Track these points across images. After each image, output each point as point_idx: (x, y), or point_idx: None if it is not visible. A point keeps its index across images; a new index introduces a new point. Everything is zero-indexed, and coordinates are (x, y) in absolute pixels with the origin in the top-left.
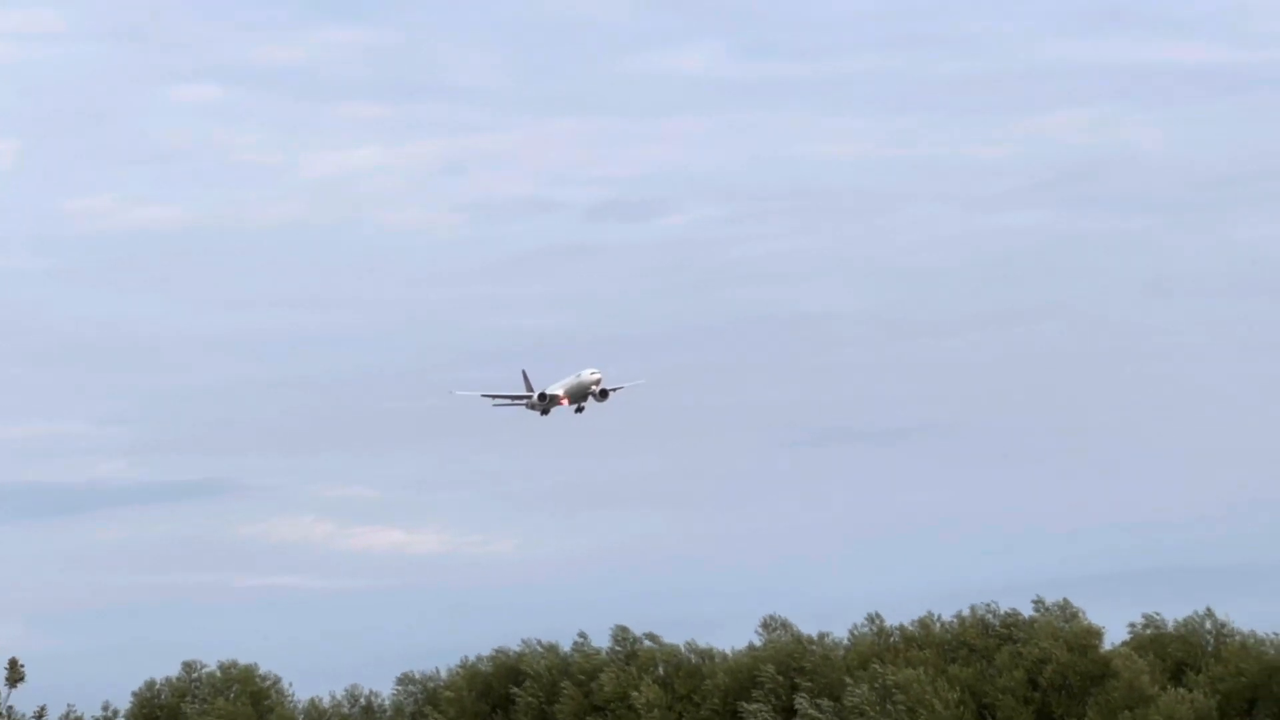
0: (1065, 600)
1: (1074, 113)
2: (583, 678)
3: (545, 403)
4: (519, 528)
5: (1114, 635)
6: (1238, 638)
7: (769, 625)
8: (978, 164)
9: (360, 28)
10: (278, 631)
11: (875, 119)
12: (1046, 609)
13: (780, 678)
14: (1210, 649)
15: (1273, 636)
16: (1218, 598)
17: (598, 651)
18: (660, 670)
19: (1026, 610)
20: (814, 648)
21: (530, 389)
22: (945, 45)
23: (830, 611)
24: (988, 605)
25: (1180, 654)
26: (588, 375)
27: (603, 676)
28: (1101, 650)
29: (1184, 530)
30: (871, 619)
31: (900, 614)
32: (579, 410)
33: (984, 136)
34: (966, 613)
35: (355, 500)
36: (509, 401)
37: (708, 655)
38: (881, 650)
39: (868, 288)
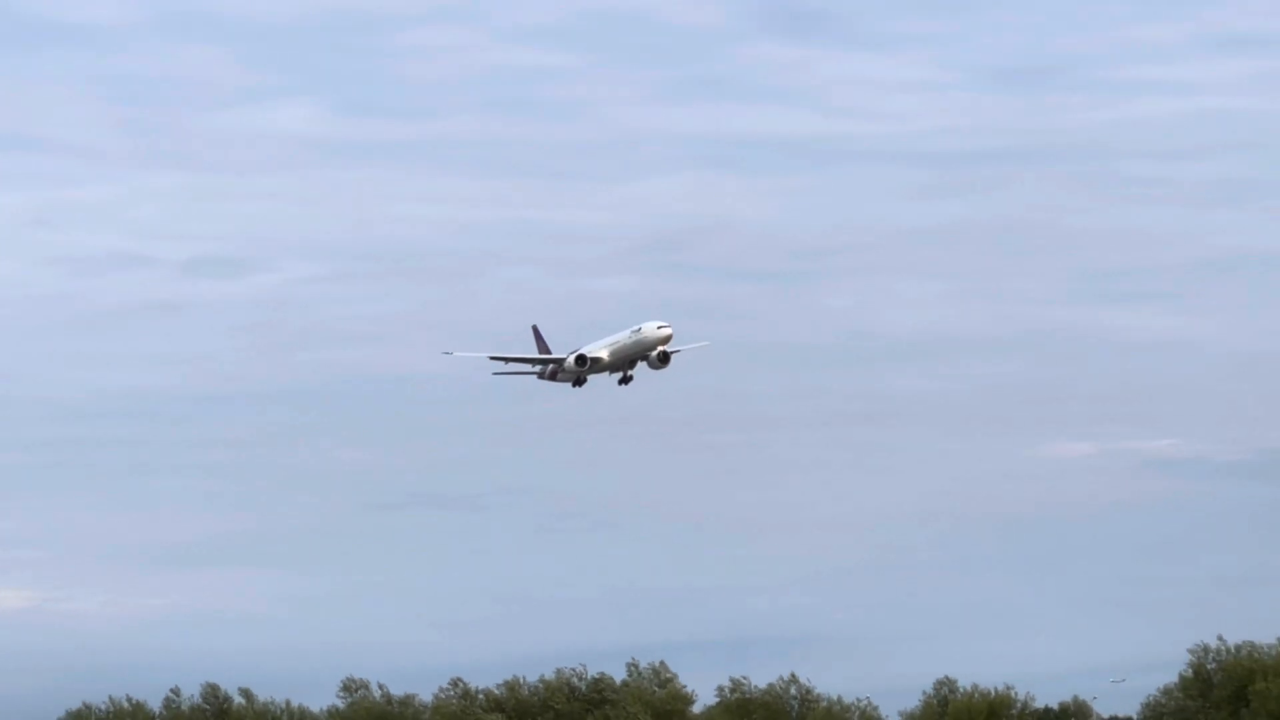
0: (661, 663)
1: (671, 180)
2: None
3: (581, 368)
4: (104, 584)
5: (704, 700)
6: (823, 703)
7: (350, 686)
8: (574, 229)
9: None
10: None
11: (472, 181)
12: (639, 673)
13: None
14: (795, 713)
15: (856, 701)
16: (802, 664)
17: (198, 707)
18: None
19: (620, 673)
20: (404, 709)
21: (546, 350)
22: (545, 110)
23: (413, 674)
24: (574, 669)
25: (766, 719)
26: (653, 330)
27: None
28: (690, 715)
29: (769, 597)
30: (455, 683)
31: (484, 677)
32: (625, 381)
33: (581, 201)
34: (552, 677)
35: None
36: (527, 367)
37: (300, 714)
38: (469, 711)
39: (458, 350)
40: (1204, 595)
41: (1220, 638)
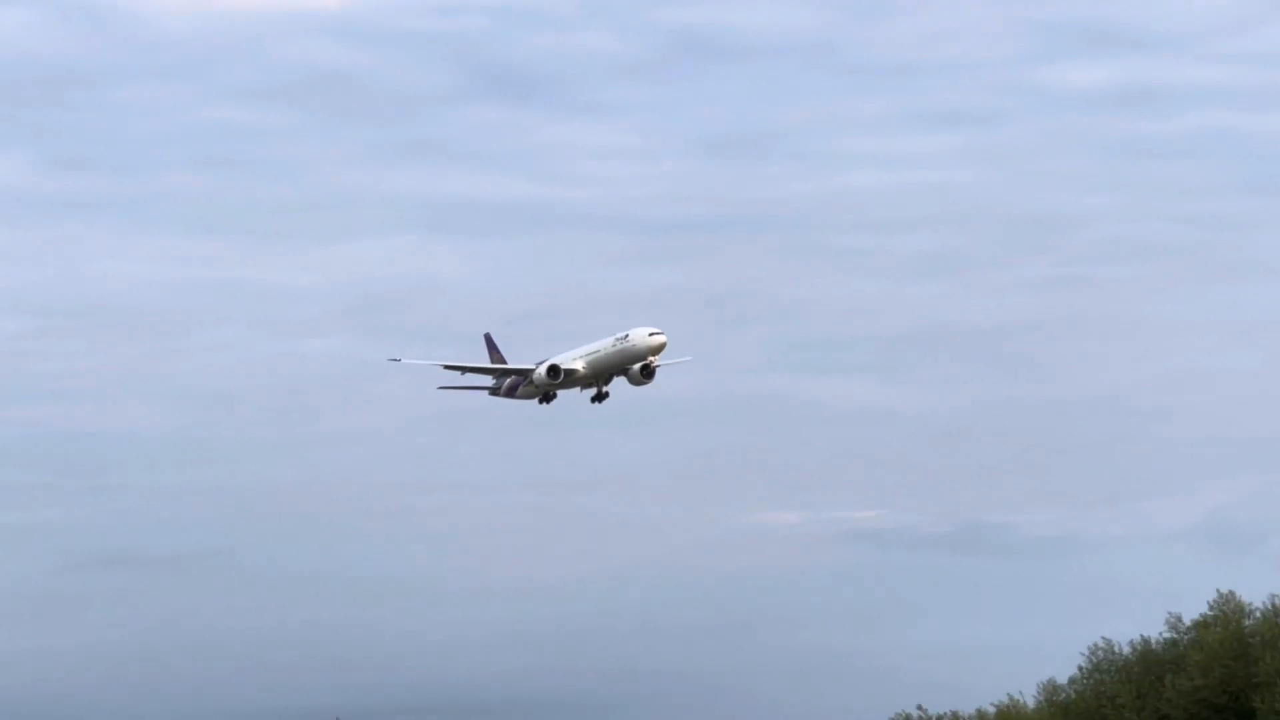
0: None
1: (383, 242)
2: None
3: (553, 380)
4: None
5: None
6: None
7: None
8: (281, 288)
9: None
10: None
11: (182, 239)
12: None
13: None
14: None
15: None
16: None
17: None
18: None
19: None
20: None
21: (500, 360)
22: (257, 169)
23: None
24: None
25: None
26: (643, 338)
27: None
28: None
29: (475, 663)
30: None
31: None
32: (599, 399)
33: (292, 261)
34: None
35: None
36: (490, 380)
37: None
38: None
39: (164, 409)
40: (906, 665)
41: (920, 708)
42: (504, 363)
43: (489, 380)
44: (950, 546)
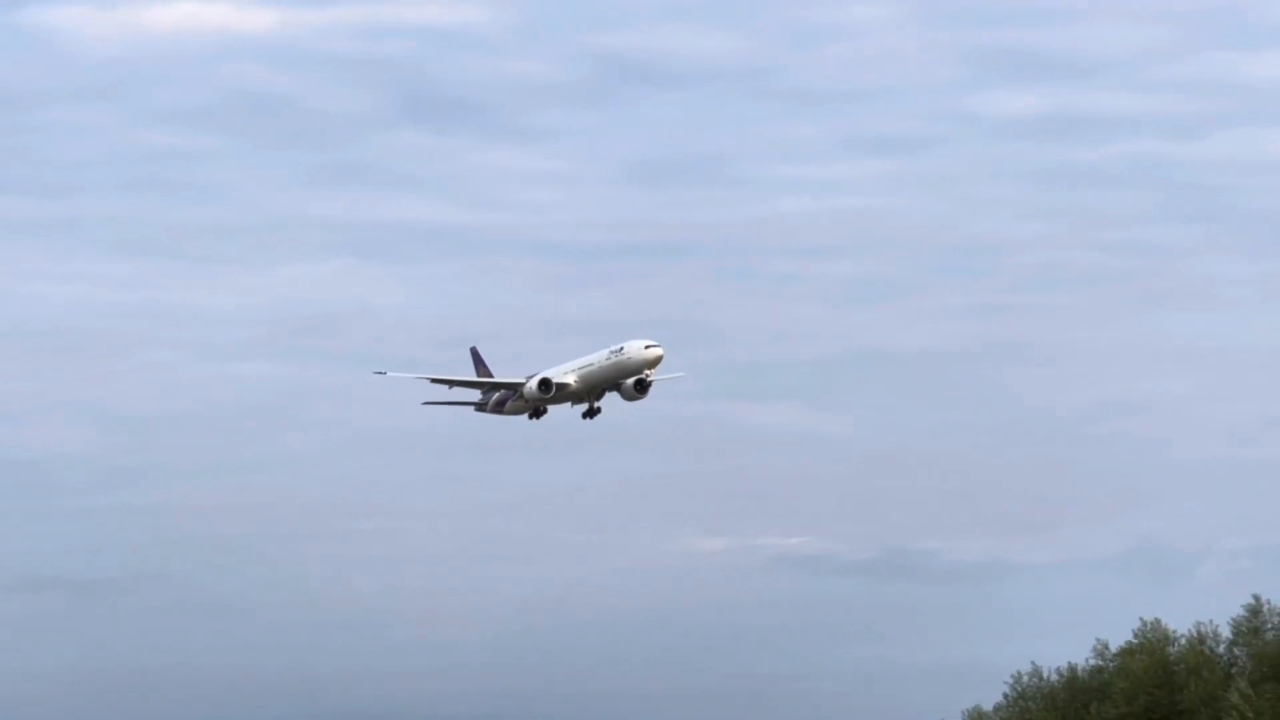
0: None
1: (312, 266)
2: None
3: (544, 395)
4: None
5: None
6: None
7: None
8: (210, 312)
9: None
10: None
11: (108, 262)
12: None
13: None
14: None
15: None
16: None
17: None
18: None
19: None
20: None
21: (487, 374)
22: (186, 192)
23: None
24: None
25: None
26: (639, 351)
27: None
28: None
29: (399, 685)
30: None
31: None
32: (591, 414)
33: (221, 285)
34: None
35: None
36: (479, 394)
37: None
38: None
39: (93, 432)
40: (831, 691)
41: None
42: (491, 377)
43: (475, 395)
44: (876, 573)
